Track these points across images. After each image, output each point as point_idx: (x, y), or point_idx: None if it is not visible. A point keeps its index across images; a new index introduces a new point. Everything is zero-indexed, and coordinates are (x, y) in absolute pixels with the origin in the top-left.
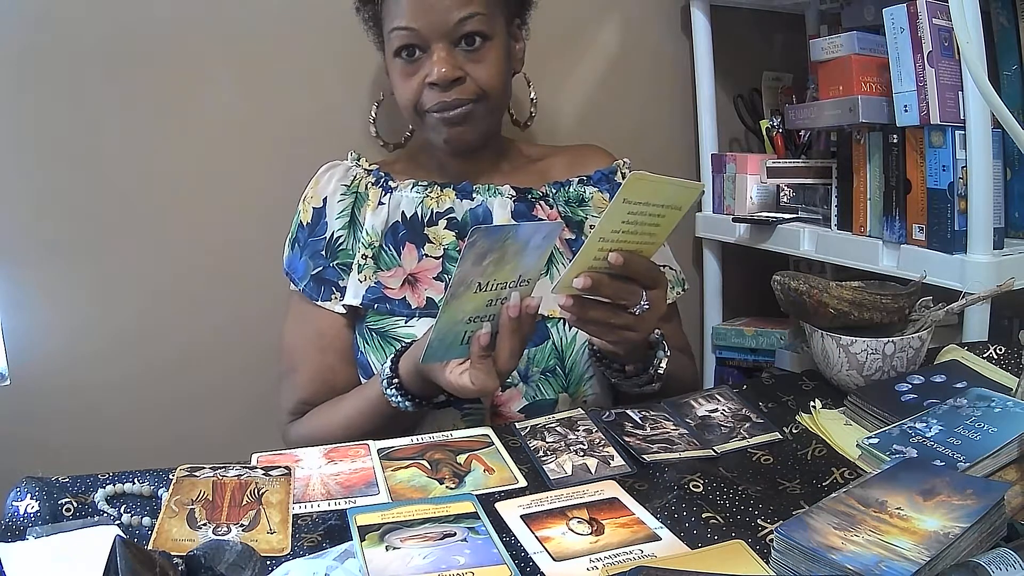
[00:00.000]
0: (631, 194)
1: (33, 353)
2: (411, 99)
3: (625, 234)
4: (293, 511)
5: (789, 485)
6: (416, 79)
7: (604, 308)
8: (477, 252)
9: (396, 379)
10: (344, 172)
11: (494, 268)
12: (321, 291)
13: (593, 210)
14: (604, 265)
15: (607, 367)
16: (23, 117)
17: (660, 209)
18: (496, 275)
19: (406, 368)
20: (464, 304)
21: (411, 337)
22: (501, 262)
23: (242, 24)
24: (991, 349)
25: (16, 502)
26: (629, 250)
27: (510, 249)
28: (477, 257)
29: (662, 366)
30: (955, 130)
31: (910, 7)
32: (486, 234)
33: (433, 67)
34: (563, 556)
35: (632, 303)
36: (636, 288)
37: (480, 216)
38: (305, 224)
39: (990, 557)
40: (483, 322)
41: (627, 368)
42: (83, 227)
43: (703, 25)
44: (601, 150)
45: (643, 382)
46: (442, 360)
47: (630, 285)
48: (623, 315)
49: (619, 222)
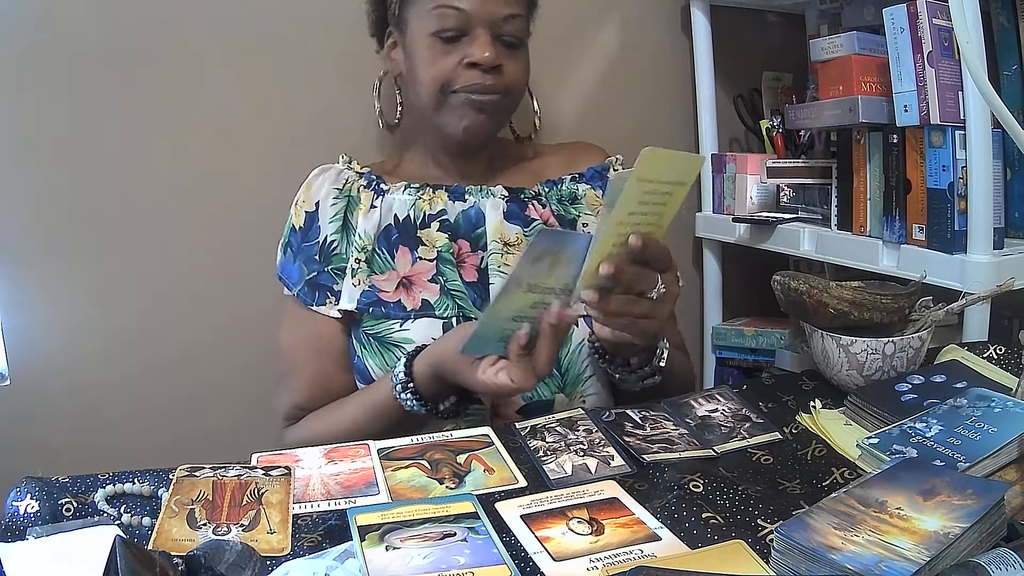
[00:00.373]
0: (645, 172)
1: (33, 353)
2: (442, 77)
3: (639, 215)
4: (293, 511)
5: (789, 485)
6: (452, 58)
7: (625, 298)
8: (536, 252)
9: (411, 382)
10: (336, 176)
11: (545, 272)
12: (316, 296)
13: (586, 207)
14: (621, 251)
15: (610, 363)
16: (23, 117)
17: (669, 187)
18: (546, 279)
19: (420, 371)
20: (511, 302)
21: (407, 340)
22: (553, 267)
23: (242, 24)
24: (991, 349)
25: (16, 502)
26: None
27: (563, 256)
28: (535, 257)
29: (664, 357)
30: (955, 130)
31: (910, 7)
32: (548, 236)
33: (477, 49)
34: (563, 556)
35: (649, 288)
36: (651, 272)
37: (473, 218)
38: (298, 228)
39: (990, 557)
40: (523, 323)
41: (632, 361)
42: (83, 227)
43: (703, 25)
44: (594, 147)
45: (646, 375)
46: (479, 353)
47: (646, 270)
48: (642, 302)
49: (635, 203)
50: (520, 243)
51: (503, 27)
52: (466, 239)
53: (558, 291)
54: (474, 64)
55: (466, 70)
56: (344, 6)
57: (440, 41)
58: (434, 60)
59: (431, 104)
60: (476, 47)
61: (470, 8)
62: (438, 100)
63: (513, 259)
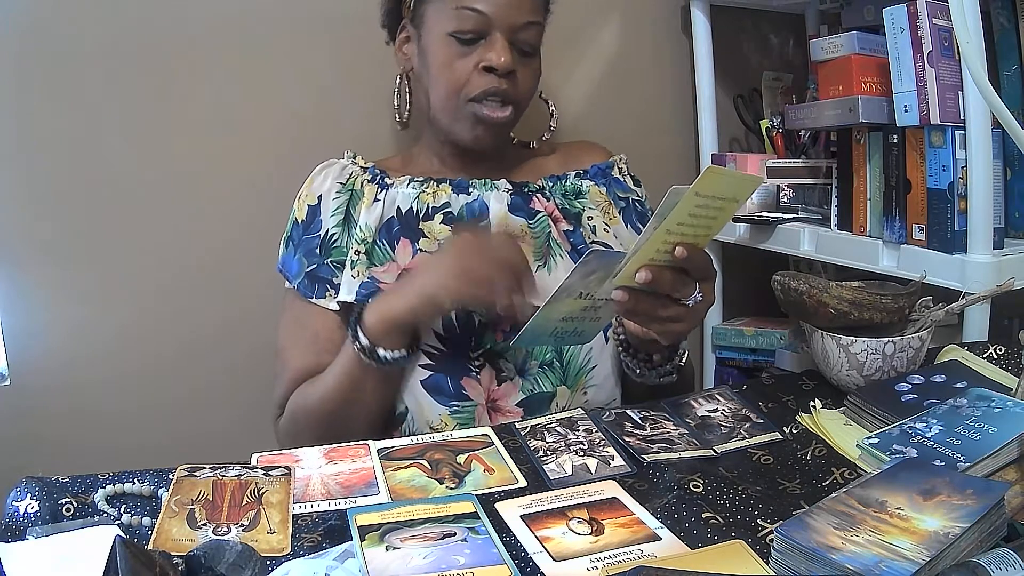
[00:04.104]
0: (704, 188)
1: (33, 353)
2: (458, 83)
3: (688, 226)
4: (293, 511)
5: (789, 485)
6: (468, 62)
7: (656, 300)
8: (587, 270)
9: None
10: (340, 170)
11: (595, 285)
12: (315, 289)
13: (590, 202)
14: (665, 258)
15: (633, 356)
16: (23, 117)
17: (722, 202)
18: (595, 290)
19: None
20: (562, 307)
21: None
22: (603, 281)
23: (242, 24)
24: (991, 349)
25: (16, 502)
26: (688, 242)
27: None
28: (585, 273)
29: (685, 356)
30: (955, 130)
31: (910, 7)
32: (600, 257)
33: (494, 53)
34: (563, 556)
35: (685, 295)
36: (690, 280)
37: (476, 210)
38: (300, 222)
39: (990, 557)
40: (573, 323)
41: (655, 357)
42: (83, 227)
43: (703, 25)
44: (596, 146)
45: (664, 372)
46: (531, 346)
47: (685, 277)
48: (674, 306)
49: (687, 215)
50: (524, 235)
51: (520, 34)
52: None
53: (607, 299)
54: (489, 68)
55: (481, 75)
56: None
57: (457, 42)
58: (450, 61)
59: (443, 108)
60: (493, 51)
61: (491, 12)
62: (451, 106)
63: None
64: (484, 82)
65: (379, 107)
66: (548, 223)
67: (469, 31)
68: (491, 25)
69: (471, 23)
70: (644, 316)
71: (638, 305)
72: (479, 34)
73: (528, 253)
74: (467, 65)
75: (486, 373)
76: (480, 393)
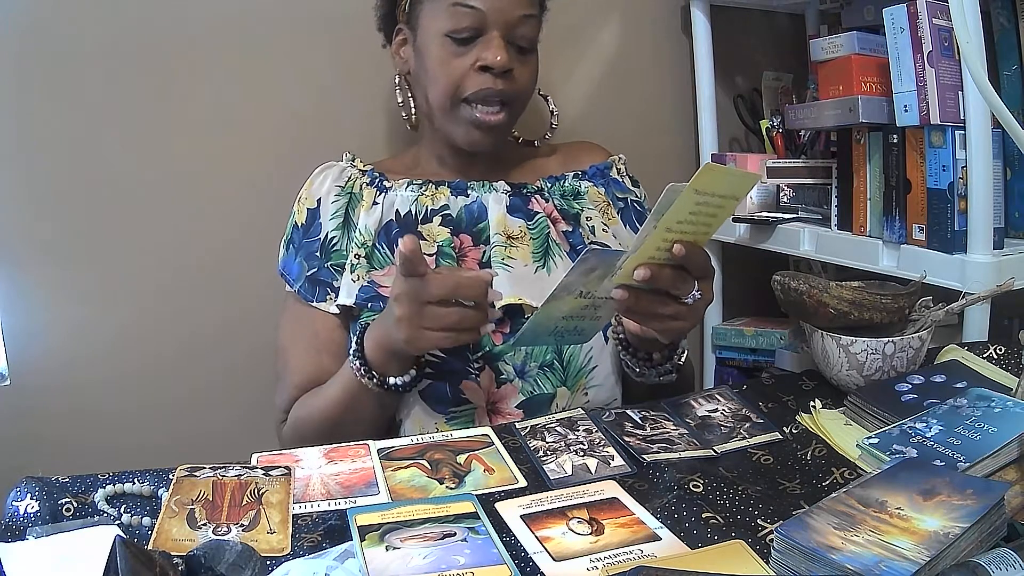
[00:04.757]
0: (701, 184)
1: (33, 353)
2: (454, 83)
3: (686, 224)
4: (293, 511)
5: (789, 485)
6: (464, 60)
7: (655, 298)
8: (586, 267)
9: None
10: (339, 173)
11: (596, 283)
12: (316, 292)
13: (589, 203)
14: (664, 256)
15: (632, 355)
16: (23, 117)
17: (721, 200)
18: (594, 288)
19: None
20: (562, 305)
21: None
22: (602, 279)
23: (242, 24)
24: (991, 349)
25: (16, 502)
26: (687, 240)
27: (612, 271)
28: (584, 271)
29: (685, 355)
30: (955, 130)
31: (910, 7)
32: (598, 254)
33: (490, 52)
34: (563, 556)
35: (684, 292)
36: (690, 278)
37: (475, 212)
38: (300, 225)
39: (990, 557)
40: (573, 321)
41: (654, 356)
42: (83, 227)
43: (703, 25)
44: (595, 146)
45: (664, 371)
46: (531, 345)
47: (684, 274)
48: (673, 304)
49: (686, 213)
50: (523, 236)
51: (517, 29)
52: (468, 234)
53: (607, 298)
54: (486, 68)
55: (478, 74)
56: (344, 6)
57: (452, 42)
58: (446, 62)
59: (440, 108)
60: (489, 50)
61: (486, 7)
62: (448, 107)
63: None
64: (480, 82)
65: (379, 108)
66: (547, 224)
67: (465, 29)
68: (486, 21)
69: (467, 20)
70: (643, 314)
71: (638, 303)
72: (475, 32)
73: (526, 254)
74: (463, 65)
75: (485, 376)
76: (480, 396)
